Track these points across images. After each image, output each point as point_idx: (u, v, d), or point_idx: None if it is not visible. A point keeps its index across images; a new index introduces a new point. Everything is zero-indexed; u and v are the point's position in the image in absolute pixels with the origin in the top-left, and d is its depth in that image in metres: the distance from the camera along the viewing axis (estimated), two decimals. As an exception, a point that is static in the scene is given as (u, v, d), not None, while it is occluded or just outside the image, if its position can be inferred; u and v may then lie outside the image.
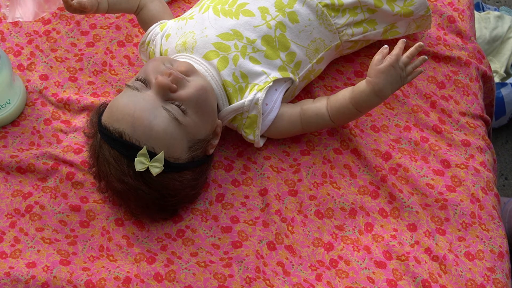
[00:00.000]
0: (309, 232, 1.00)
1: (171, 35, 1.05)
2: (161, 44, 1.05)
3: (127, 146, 0.91)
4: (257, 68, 1.00)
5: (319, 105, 1.02)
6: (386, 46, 0.98)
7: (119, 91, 1.10)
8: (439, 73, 1.15)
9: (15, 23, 1.20)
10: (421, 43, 0.98)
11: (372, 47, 1.15)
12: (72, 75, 1.15)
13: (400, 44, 0.97)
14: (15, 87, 1.08)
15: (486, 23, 1.74)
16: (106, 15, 1.21)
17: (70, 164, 1.04)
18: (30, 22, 1.20)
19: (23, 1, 1.20)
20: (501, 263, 0.98)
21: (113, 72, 1.16)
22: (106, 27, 1.20)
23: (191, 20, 1.04)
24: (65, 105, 1.12)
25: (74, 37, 1.19)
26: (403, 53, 0.97)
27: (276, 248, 0.98)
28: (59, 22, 1.20)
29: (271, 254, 0.98)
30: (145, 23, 1.10)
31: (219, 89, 1.00)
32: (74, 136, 1.08)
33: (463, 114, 1.11)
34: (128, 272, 0.95)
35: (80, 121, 1.09)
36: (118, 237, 0.99)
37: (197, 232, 0.99)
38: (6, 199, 1.02)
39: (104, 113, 0.96)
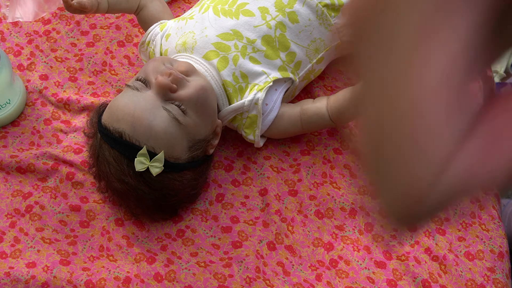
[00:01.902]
0: (309, 232, 1.00)
1: (171, 35, 1.05)
2: (161, 44, 1.05)
3: (127, 146, 0.91)
4: (257, 68, 1.00)
5: (319, 105, 1.02)
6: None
7: (119, 91, 1.10)
8: (439, 73, 1.14)
9: (15, 23, 1.20)
10: None
11: (372, 47, 1.15)
12: (72, 75, 1.15)
13: None
14: (15, 87, 1.08)
15: (486, 23, 1.74)
16: (106, 15, 1.20)
17: (70, 164, 1.04)
18: (30, 22, 1.20)
19: (23, 1, 1.20)
20: (501, 263, 0.98)
21: (113, 72, 1.16)
22: (106, 27, 1.20)
23: (191, 20, 1.04)
24: (65, 105, 1.12)
25: (74, 37, 1.19)
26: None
27: (276, 248, 0.98)
28: (59, 22, 1.20)
29: (271, 254, 0.98)
30: (145, 23, 1.10)
31: (219, 89, 1.00)
32: (74, 136, 1.08)
33: (463, 114, 1.11)
34: (128, 272, 0.95)
35: (80, 121, 1.09)
36: (118, 237, 0.99)
37: (197, 232, 0.99)
38: (6, 199, 1.02)
39: (104, 113, 0.96)
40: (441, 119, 0.16)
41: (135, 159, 0.90)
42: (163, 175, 0.92)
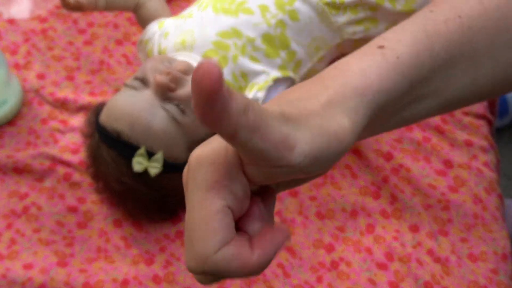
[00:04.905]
0: (309, 233, 0.99)
1: (169, 34, 1.04)
2: (159, 43, 1.05)
3: (125, 146, 0.91)
4: (257, 67, 0.99)
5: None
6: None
7: (117, 90, 1.10)
8: (441, 72, 1.14)
9: (12, 22, 1.19)
10: None
11: (373, 45, 1.14)
12: (69, 74, 1.15)
13: None
14: (12, 86, 1.08)
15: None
16: (104, 13, 1.20)
17: (67, 164, 1.04)
18: (27, 20, 1.19)
19: (19, -1, 1.19)
20: (504, 265, 0.97)
21: (110, 71, 1.15)
22: (103, 26, 1.19)
23: (190, 18, 1.04)
24: (62, 104, 1.11)
25: (71, 36, 1.18)
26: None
27: (276, 250, 0.98)
28: (56, 21, 1.20)
29: (271, 256, 0.97)
30: (143, 22, 1.09)
31: (218, 89, 0.99)
32: (71, 136, 1.07)
33: (466, 113, 1.10)
34: (126, 273, 0.94)
35: (78, 120, 1.09)
36: (116, 238, 0.98)
37: (196, 233, 0.99)
38: (2, 200, 1.01)
39: (102, 112, 0.95)
40: (209, 233, 0.34)
41: (133, 159, 0.90)
42: (162, 176, 0.92)
